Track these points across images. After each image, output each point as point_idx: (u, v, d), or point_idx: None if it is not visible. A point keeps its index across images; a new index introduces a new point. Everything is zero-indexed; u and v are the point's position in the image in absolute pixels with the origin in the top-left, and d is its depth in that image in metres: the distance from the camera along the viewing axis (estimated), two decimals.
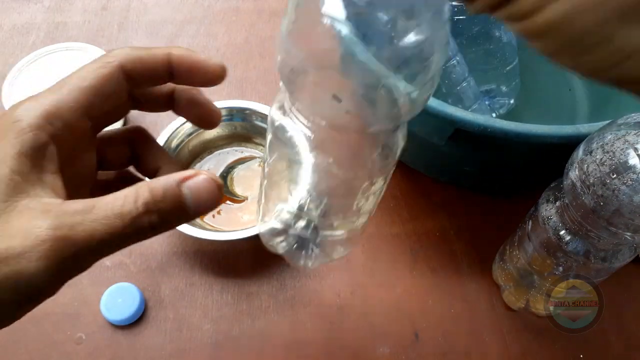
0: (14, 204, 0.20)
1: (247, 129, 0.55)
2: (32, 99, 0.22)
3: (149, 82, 0.26)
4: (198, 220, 0.51)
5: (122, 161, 0.28)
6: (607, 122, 0.32)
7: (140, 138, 0.28)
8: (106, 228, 0.20)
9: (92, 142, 0.25)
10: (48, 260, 0.19)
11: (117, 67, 0.24)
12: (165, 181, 0.21)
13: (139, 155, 0.28)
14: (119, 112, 0.25)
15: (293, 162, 0.25)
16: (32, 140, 0.21)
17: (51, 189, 0.21)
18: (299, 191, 0.26)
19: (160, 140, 0.51)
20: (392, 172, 0.28)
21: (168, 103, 0.28)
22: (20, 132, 0.21)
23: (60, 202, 0.21)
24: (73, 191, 0.22)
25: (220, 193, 0.22)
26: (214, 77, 0.28)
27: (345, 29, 0.20)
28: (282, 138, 0.25)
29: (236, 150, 0.56)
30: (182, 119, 0.52)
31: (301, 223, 0.29)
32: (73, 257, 0.20)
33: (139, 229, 0.20)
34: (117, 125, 0.58)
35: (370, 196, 0.28)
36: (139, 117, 0.60)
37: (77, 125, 0.23)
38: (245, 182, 0.54)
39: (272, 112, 0.26)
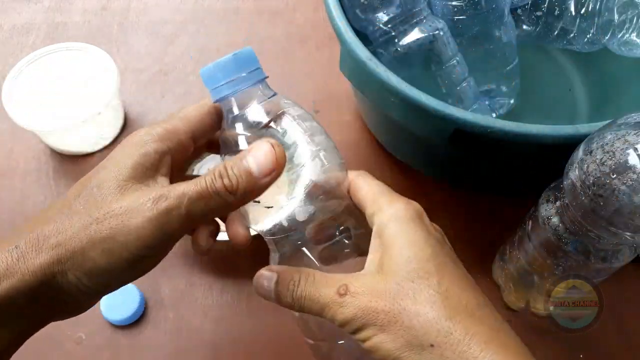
0: (134, 185, 0.26)
1: None
2: (154, 124, 0.29)
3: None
4: None
5: None
6: (607, 122, 0.32)
7: None
8: (193, 187, 0.26)
9: (193, 158, 0.33)
10: (152, 215, 0.25)
11: (212, 106, 0.32)
12: (231, 160, 0.27)
13: None
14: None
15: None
16: (153, 148, 0.28)
17: (160, 184, 0.28)
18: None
19: None
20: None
21: None
22: (145, 142, 0.28)
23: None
24: None
25: (280, 151, 0.27)
26: None
27: None
28: None
29: None
30: None
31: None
32: (170, 212, 0.26)
33: (217, 189, 0.26)
34: (118, 124, 0.58)
35: None
36: (138, 117, 0.60)
37: (187, 144, 0.30)
38: None
39: None
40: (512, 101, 0.53)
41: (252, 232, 0.47)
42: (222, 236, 0.47)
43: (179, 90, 0.62)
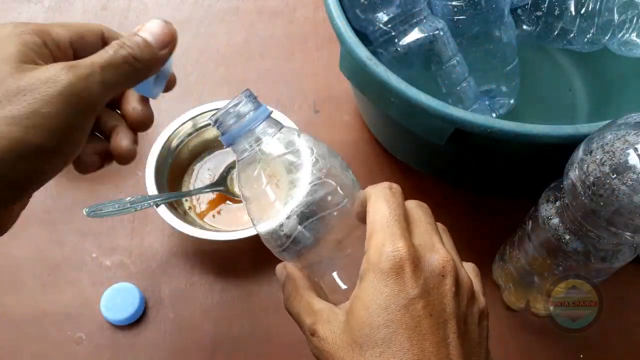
0: (30, 65, 0.24)
1: None
2: (19, 23, 0.26)
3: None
4: (198, 220, 0.51)
5: None
6: (607, 122, 0.32)
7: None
8: (100, 57, 0.26)
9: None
10: (70, 81, 0.24)
11: (99, 27, 0.29)
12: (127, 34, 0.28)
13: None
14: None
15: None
16: (32, 39, 0.25)
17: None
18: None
19: (160, 140, 0.51)
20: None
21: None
22: (20, 33, 0.25)
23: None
24: None
25: (171, 26, 0.29)
26: None
27: None
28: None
29: None
30: (182, 119, 0.52)
31: None
32: (87, 78, 0.25)
33: (124, 56, 0.27)
34: None
35: None
36: None
37: (64, 48, 0.27)
38: None
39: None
40: (512, 101, 0.53)
41: (253, 233, 0.46)
42: (223, 236, 0.47)
43: (179, 90, 0.62)
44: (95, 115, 0.26)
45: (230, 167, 0.54)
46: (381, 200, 0.29)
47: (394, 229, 0.28)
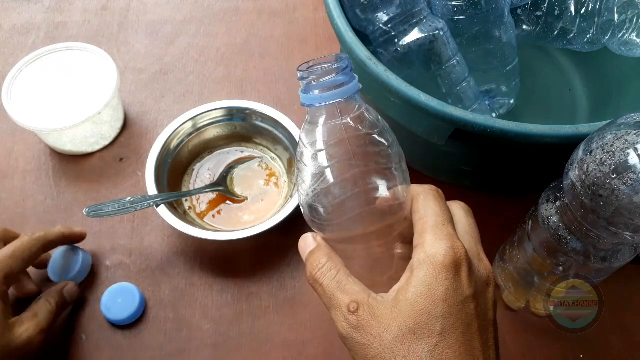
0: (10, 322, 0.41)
1: (247, 129, 0.55)
2: None
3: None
4: (198, 220, 0.51)
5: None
6: (607, 122, 0.32)
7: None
8: (44, 315, 0.43)
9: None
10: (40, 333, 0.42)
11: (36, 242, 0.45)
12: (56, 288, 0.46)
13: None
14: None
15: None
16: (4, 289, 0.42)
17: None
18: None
19: (160, 140, 0.51)
20: None
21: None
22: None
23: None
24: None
25: (77, 291, 0.47)
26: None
27: None
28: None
29: (236, 150, 0.56)
30: (182, 119, 0.52)
31: None
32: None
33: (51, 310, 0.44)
34: (118, 124, 0.58)
35: None
36: (138, 117, 0.60)
37: (17, 272, 0.43)
38: (245, 182, 0.54)
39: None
40: (512, 101, 0.53)
41: (253, 233, 0.46)
42: (223, 236, 0.47)
43: (179, 90, 0.62)
44: None
45: (230, 167, 0.54)
46: (432, 200, 0.30)
47: (449, 229, 0.29)
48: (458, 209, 0.31)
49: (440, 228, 0.29)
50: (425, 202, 0.30)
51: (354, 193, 0.28)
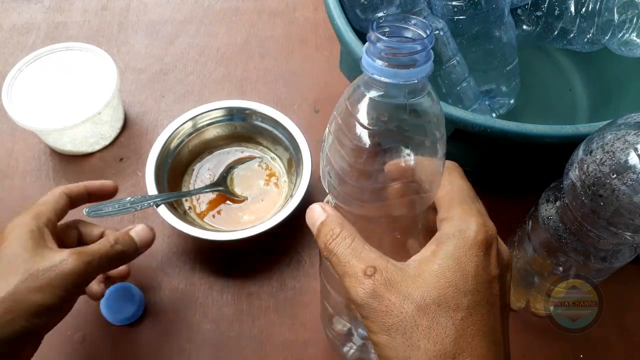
0: (41, 250, 0.37)
1: (247, 129, 0.55)
2: (24, 213, 0.39)
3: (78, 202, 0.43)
4: (198, 220, 0.51)
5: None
6: (607, 122, 0.32)
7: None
8: (101, 248, 0.38)
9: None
10: (77, 264, 0.36)
11: (60, 193, 0.41)
12: (120, 231, 0.41)
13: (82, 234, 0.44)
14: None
15: None
16: (36, 225, 0.38)
17: (56, 248, 0.38)
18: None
19: (160, 140, 0.51)
20: None
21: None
22: (26, 223, 0.38)
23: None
24: None
25: (152, 234, 0.42)
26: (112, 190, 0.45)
27: None
28: None
29: (236, 150, 0.56)
30: (182, 119, 0.52)
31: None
32: (89, 263, 0.37)
33: (115, 252, 0.39)
34: (118, 124, 0.58)
35: None
36: (138, 117, 0.60)
37: (53, 219, 0.40)
38: (245, 182, 0.54)
39: None
40: (512, 101, 0.53)
41: (253, 233, 0.46)
42: (223, 236, 0.47)
43: (179, 90, 0.62)
44: (87, 285, 0.39)
45: (230, 167, 0.54)
46: (457, 176, 0.29)
47: (479, 206, 0.28)
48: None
49: (469, 204, 0.28)
50: (450, 177, 0.29)
51: (390, 179, 0.27)
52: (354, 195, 0.28)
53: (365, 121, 0.25)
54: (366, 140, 0.26)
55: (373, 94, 0.25)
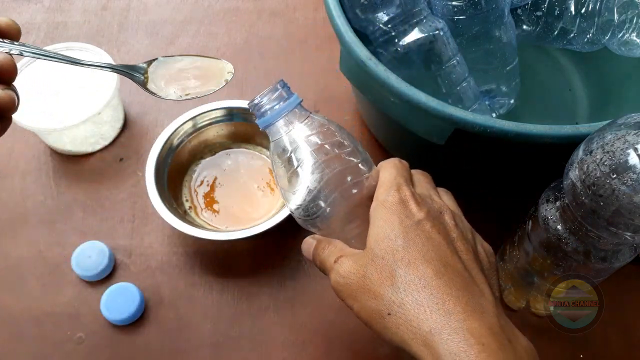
0: None
1: (247, 129, 0.55)
2: None
3: None
4: (198, 220, 0.51)
5: None
6: (607, 122, 0.32)
7: None
8: None
9: None
10: None
11: None
12: None
13: None
14: None
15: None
16: None
17: None
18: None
19: (160, 140, 0.51)
20: None
21: None
22: None
23: None
24: None
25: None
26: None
27: None
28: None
29: (237, 151, 0.56)
30: (182, 119, 0.52)
31: None
32: None
33: None
34: (118, 124, 0.58)
35: None
36: (138, 117, 0.60)
37: None
38: (247, 174, 0.54)
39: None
40: (512, 101, 0.53)
41: (253, 233, 0.46)
42: (223, 236, 0.47)
43: None
44: None
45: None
46: (391, 166, 0.35)
47: (399, 180, 0.34)
48: (416, 172, 0.37)
49: (392, 182, 0.33)
50: (385, 170, 0.35)
51: (342, 188, 0.34)
52: (327, 216, 0.35)
53: (292, 159, 0.34)
54: (314, 166, 0.34)
55: (282, 134, 0.35)
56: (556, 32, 0.51)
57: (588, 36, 0.49)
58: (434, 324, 0.28)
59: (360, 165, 0.35)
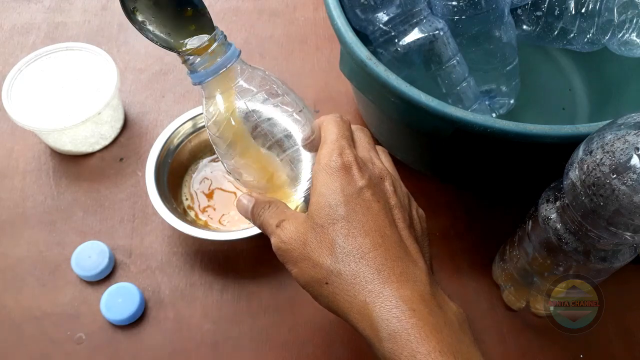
0: None
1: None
2: None
3: None
4: (198, 220, 0.51)
5: None
6: (607, 122, 0.32)
7: None
8: None
9: None
10: None
11: None
12: None
13: None
14: None
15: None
16: None
17: None
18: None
19: (160, 140, 0.51)
20: None
21: None
22: None
23: None
24: None
25: None
26: None
27: None
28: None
29: None
30: (182, 119, 0.52)
31: None
32: None
33: None
34: (118, 124, 0.58)
35: None
36: (138, 117, 0.60)
37: None
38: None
39: None
40: (512, 101, 0.53)
41: (253, 233, 0.46)
42: (223, 236, 0.47)
43: (179, 90, 0.62)
44: None
45: None
46: (332, 124, 0.34)
47: (342, 142, 0.33)
48: (357, 130, 0.36)
49: (334, 143, 0.33)
50: (326, 127, 0.34)
51: (274, 142, 0.33)
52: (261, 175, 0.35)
53: (228, 114, 0.34)
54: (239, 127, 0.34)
55: (216, 94, 0.34)
56: (556, 32, 0.51)
57: (588, 36, 0.49)
58: (369, 294, 0.29)
59: (295, 115, 0.34)
